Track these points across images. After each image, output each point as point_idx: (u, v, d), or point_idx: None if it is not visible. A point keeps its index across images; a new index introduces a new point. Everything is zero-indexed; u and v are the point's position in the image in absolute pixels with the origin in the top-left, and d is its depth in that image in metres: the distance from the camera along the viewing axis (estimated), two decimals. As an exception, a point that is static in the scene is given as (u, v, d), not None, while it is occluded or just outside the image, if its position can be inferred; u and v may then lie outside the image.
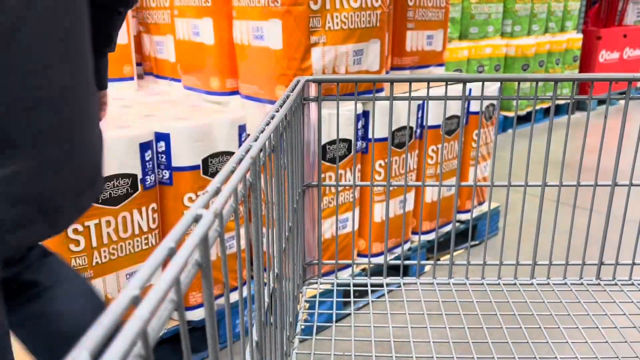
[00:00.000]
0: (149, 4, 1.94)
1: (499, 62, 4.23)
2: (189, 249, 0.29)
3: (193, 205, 0.34)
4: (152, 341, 0.24)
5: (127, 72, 1.86)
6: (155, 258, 0.27)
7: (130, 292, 0.23)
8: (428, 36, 2.29)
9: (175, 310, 0.28)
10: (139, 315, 0.23)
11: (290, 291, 0.78)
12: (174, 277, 0.26)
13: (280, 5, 1.43)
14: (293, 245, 0.78)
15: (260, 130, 0.55)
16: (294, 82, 0.82)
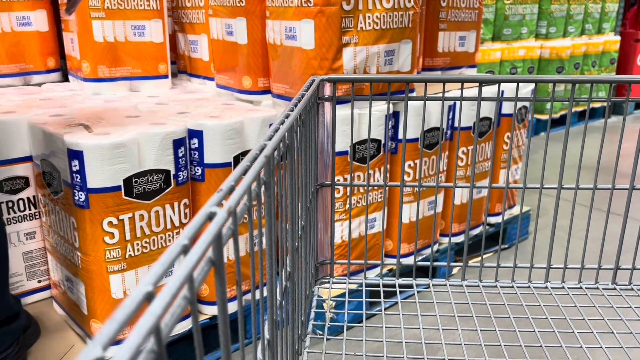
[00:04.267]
0: (184, 4, 1.97)
1: (533, 64, 4.17)
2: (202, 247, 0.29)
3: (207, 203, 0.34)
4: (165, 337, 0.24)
5: (162, 70, 1.90)
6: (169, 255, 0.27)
7: (144, 288, 0.23)
8: (460, 37, 2.27)
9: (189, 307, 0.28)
10: (152, 312, 0.23)
11: (303, 290, 0.78)
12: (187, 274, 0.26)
13: (313, 5, 1.44)
14: (306, 244, 0.78)
15: (275, 129, 0.55)
16: (309, 82, 0.82)
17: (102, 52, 1.77)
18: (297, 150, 0.66)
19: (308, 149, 0.74)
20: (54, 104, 1.63)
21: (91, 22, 1.73)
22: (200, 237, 0.30)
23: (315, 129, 0.84)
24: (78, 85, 1.89)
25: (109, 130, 1.30)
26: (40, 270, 1.56)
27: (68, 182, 1.27)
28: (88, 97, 1.77)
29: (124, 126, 1.33)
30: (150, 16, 1.82)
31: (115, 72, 1.81)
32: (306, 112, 0.71)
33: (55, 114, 1.48)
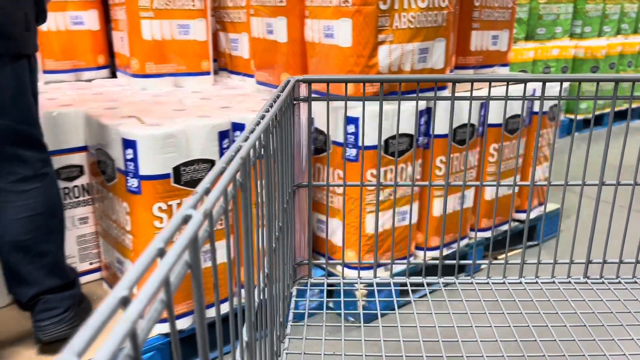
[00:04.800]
0: (226, 4, 2.07)
1: (567, 63, 4.15)
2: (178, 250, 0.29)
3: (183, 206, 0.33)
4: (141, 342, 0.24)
5: (205, 67, 2.00)
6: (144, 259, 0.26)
7: (119, 292, 0.23)
8: (493, 36, 2.31)
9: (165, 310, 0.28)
10: (128, 316, 0.22)
11: (281, 291, 0.77)
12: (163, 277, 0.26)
13: (351, 5, 1.51)
14: (283, 245, 0.78)
15: (250, 130, 0.54)
16: (284, 83, 0.82)
17: (150, 50, 1.88)
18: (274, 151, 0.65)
19: (284, 150, 0.74)
20: (105, 98, 1.74)
21: (140, 21, 1.84)
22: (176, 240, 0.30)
23: (291, 129, 0.85)
24: (126, 81, 2.00)
25: (160, 122, 1.39)
26: (92, 253, 1.68)
27: (122, 170, 1.37)
28: (136, 92, 1.88)
29: (173, 118, 1.43)
30: (194, 15, 1.92)
31: (161, 68, 1.91)
32: (282, 113, 0.71)
33: (108, 107, 1.59)
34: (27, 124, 1.24)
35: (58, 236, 1.33)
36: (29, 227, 1.25)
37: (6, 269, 1.31)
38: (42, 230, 1.27)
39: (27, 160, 1.24)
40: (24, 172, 1.24)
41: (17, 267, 1.28)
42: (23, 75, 1.22)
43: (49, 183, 1.29)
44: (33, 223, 1.25)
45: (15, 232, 1.24)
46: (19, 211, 1.24)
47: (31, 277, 1.29)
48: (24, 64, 1.22)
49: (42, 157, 1.28)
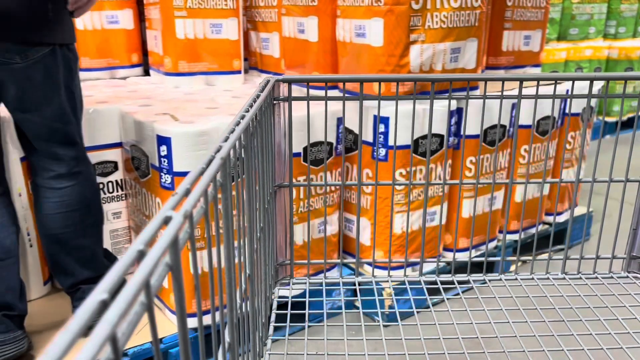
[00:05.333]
0: (258, 3, 2.09)
1: (600, 64, 4.07)
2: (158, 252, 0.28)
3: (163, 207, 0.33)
4: (122, 345, 0.23)
5: (236, 66, 2.02)
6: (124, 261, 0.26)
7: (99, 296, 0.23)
8: (525, 36, 2.28)
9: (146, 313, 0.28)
10: (108, 319, 0.22)
11: (262, 292, 0.77)
12: (144, 279, 0.26)
13: (384, 4, 1.51)
14: (264, 246, 0.77)
15: (230, 130, 0.53)
16: (264, 82, 0.81)
17: (183, 49, 1.91)
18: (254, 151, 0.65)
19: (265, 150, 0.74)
20: (140, 96, 1.77)
21: (174, 20, 1.87)
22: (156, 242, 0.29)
23: (272, 129, 0.85)
24: (159, 79, 2.04)
25: (193, 119, 1.42)
26: (124, 247, 1.71)
27: (156, 166, 1.40)
28: (169, 90, 1.91)
29: (206, 116, 1.45)
30: (227, 15, 1.95)
31: (193, 67, 1.94)
32: (262, 113, 0.71)
33: (143, 104, 1.62)
34: (61, 121, 1.26)
35: (94, 231, 1.36)
36: (64, 222, 1.28)
37: (49, 258, 1.35)
38: (77, 226, 1.30)
39: (61, 158, 1.27)
40: (57, 170, 1.27)
41: (55, 258, 1.32)
42: (54, 71, 1.22)
43: (84, 181, 1.32)
44: (68, 219, 1.29)
45: (51, 226, 1.28)
46: (53, 207, 1.27)
47: (68, 268, 1.33)
48: (54, 57, 1.21)
49: (77, 155, 1.30)
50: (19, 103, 1.20)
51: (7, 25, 1.13)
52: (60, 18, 1.22)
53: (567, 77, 0.93)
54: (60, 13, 1.21)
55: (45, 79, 1.20)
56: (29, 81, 1.19)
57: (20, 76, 1.17)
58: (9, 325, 1.25)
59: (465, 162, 1.82)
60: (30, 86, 1.19)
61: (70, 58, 1.27)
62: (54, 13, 1.19)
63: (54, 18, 1.19)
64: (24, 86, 1.19)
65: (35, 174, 1.29)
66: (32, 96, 1.20)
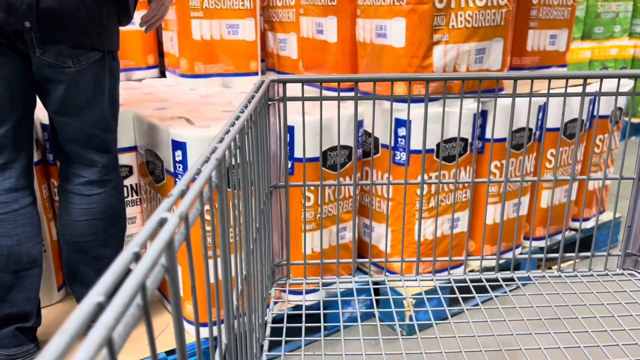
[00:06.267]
0: (275, 3, 2.04)
1: (626, 64, 3.95)
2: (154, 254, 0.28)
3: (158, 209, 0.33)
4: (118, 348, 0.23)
5: (253, 67, 1.98)
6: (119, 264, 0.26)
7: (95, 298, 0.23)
8: (551, 35, 2.20)
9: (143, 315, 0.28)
10: (104, 323, 0.22)
11: (259, 293, 0.76)
12: (140, 282, 0.26)
13: (406, 4, 1.46)
14: (261, 247, 0.76)
15: (225, 131, 0.53)
16: (259, 83, 0.81)
17: (199, 50, 1.87)
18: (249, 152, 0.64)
19: (260, 151, 0.74)
20: (155, 98, 1.74)
21: (190, 21, 1.83)
22: (152, 244, 0.29)
23: (267, 130, 0.85)
24: (175, 81, 2.00)
25: (209, 123, 1.38)
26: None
27: (171, 171, 1.36)
28: (185, 92, 1.87)
29: (223, 120, 1.41)
30: (244, 15, 1.91)
31: (210, 68, 1.91)
32: (257, 114, 0.71)
33: (158, 107, 1.58)
34: (100, 127, 1.25)
35: (116, 242, 1.33)
36: (88, 230, 1.25)
37: (66, 267, 1.33)
38: (100, 235, 1.27)
39: (94, 165, 1.25)
40: (89, 176, 1.25)
41: (74, 267, 1.30)
42: (101, 78, 1.22)
43: (113, 190, 1.29)
44: (92, 227, 1.26)
45: (74, 233, 1.25)
46: (79, 214, 1.25)
47: (86, 278, 1.30)
48: (102, 64, 1.22)
49: (110, 163, 1.29)
50: (62, 106, 1.19)
51: (64, 28, 1.13)
52: (111, 25, 1.22)
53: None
54: (112, 20, 1.22)
55: (92, 84, 1.20)
56: (76, 85, 1.18)
57: (69, 80, 1.17)
58: (22, 339, 1.22)
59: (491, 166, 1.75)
60: (77, 90, 1.18)
61: (115, 66, 1.28)
62: (106, 20, 1.19)
63: (106, 24, 1.20)
64: (71, 90, 1.18)
65: (65, 179, 1.27)
66: (77, 100, 1.19)
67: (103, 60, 1.21)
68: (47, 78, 1.16)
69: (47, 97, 1.19)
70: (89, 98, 1.20)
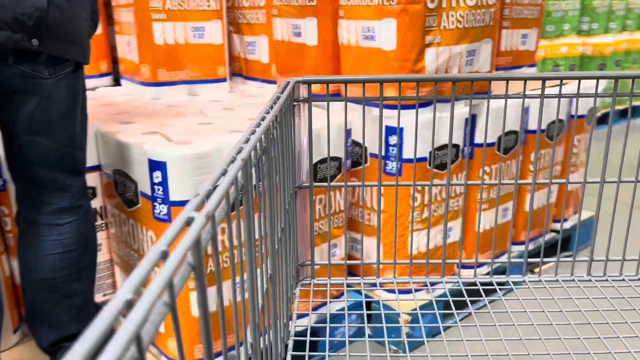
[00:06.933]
0: (241, 4, 1.90)
1: (574, 61, 4.04)
2: (181, 252, 0.29)
3: (185, 208, 0.34)
4: (146, 345, 0.24)
5: (221, 73, 1.83)
6: (148, 262, 0.27)
7: (123, 296, 0.23)
8: (522, 35, 2.17)
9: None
10: (132, 319, 0.22)
11: (284, 292, 0.78)
12: (167, 280, 0.26)
13: (396, 4, 1.36)
14: (285, 247, 0.78)
15: (251, 131, 0.54)
16: (284, 84, 0.81)
17: (162, 56, 1.70)
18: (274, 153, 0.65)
19: (285, 151, 0.75)
20: (116, 110, 1.56)
21: (152, 24, 1.66)
22: (179, 242, 0.30)
23: (292, 130, 0.85)
24: (134, 90, 1.82)
25: (188, 138, 1.23)
26: (106, 283, 1.50)
27: (147, 194, 1.20)
28: (148, 102, 1.70)
29: (202, 135, 1.26)
30: (210, 17, 1.75)
31: (175, 75, 1.74)
32: (282, 115, 0.71)
33: (123, 121, 1.41)
34: (72, 146, 1.08)
35: (89, 274, 1.16)
36: (60, 264, 1.08)
37: (29, 308, 1.14)
38: (73, 268, 1.10)
39: (65, 189, 1.08)
40: (60, 203, 1.07)
41: (41, 308, 1.11)
42: (76, 90, 1.08)
43: (85, 216, 1.13)
44: (64, 260, 1.08)
45: (44, 269, 1.07)
46: (50, 247, 1.07)
47: (55, 320, 1.12)
48: (76, 75, 1.08)
49: (82, 186, 1.12)
50: (32, 123, 1.03)
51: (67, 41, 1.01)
52: (89, 36, 1.12)
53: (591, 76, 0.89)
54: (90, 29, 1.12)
55: (66, 98, 1.05)
56: (50, 100, 1.03)
57: (44, 93, 1.02)
58: None
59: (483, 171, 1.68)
60: (50, 105, 1.03)
61: (84, 78, 1.14)
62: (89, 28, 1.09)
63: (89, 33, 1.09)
64: (45, 105, 1.02)
65: (30, 207, 1.09)
66: (50, 116, 1.03)
67: (77, 72, 1.06)
68: (16, 90, 0.99)
69: (12, 113, 1.02)
70: (63, 113, 1.04)
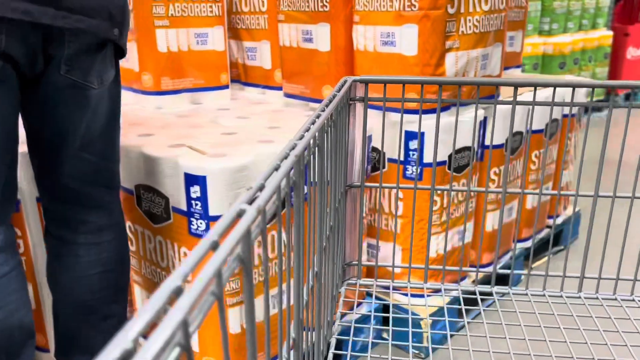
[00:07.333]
0: (240, 9, 1.86)
1: (537, 60, 4.19)
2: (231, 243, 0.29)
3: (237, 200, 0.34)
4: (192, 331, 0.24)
5: (224, 80, 1.78)
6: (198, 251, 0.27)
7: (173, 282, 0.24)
8: (510, 37, 2.23)
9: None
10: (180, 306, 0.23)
11: (329, 291, 0.77)
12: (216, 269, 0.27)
13: (418, 9, 1.36)
14: (333, 245, 0.78)
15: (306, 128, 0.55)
16: (341, 82, 0.82)
17: (165, 63, 1.64)
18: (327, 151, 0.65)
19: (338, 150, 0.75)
20: (128, 121, 1.49)
21: (155, 31, 1.60)
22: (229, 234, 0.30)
23: (346, 129, 0.85)
24: (134, 99, 1.75)
25: (220, 151, 1.19)
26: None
27: (181, 210, 1.15)
28: (154, 112, 1.64)
29: (233, 146, 1.22)
30: (212, 23, 1.71)
31: (178, 84, 1.68)
32: (337, 113, 0.71)
33: (142, 133, 1.35)
34: (111, 159, 1.02)
35: (124, 295, 1.10)
36: (99, 285, 1.02)
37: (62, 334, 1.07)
38: (111, 289, 1.04)
39: (104, 206, 1.01)
40: (98, 221, 1.01)
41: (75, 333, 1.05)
42: (117, 100, 1.02)
43: (123, 234, 1.07)
44: (103, 281, 1.02)
45: (82, 290, 1.01)
46: (87, 268, 1.01)
47: (88, 344, 1.06)
48: (116, 83, 1.01)
49: (119, 202, 1.06)
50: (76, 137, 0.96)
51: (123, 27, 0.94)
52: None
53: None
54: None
55: (108, 110, 0.98)
56: (94, 112, 0.95)
57: (90, 105, 0.94)
58: None
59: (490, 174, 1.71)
60: (94, 117, 0.95)
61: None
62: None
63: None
64: (90, 117, 0.95)
65: (65, 227, 1.01)
66: (93, 129, 0.96)
67: (117, 79, 1.00)
68: (63, 102, 0.91)
69: (55, 127, 0.94)
70: (103, 125, 0.98)
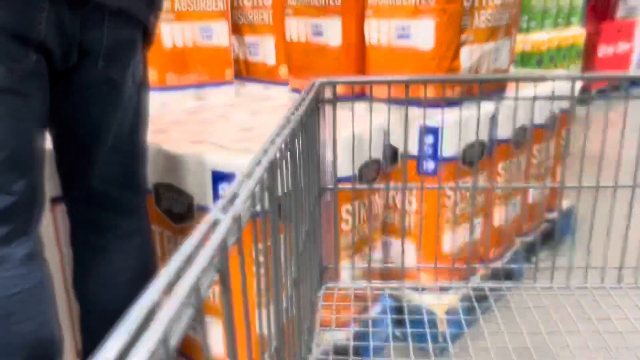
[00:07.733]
0: (243, 4, 1.82)
1: (517, 57, 4.25)
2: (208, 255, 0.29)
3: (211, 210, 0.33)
4: (172, 346, 0.24)
5: (228, 76, 1.75)
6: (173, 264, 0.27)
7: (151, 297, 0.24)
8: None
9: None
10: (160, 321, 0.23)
11: (308, 296, 0.77)
12: (194, 283, 0.26)
13: (435, 3, 1.36)
14: (310, 249, 0.77)
15: (277, 133, 0.54)
16: (310, 85, 0.80)
17: (171, 59, 1.60)
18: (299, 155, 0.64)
19: (310, 153, 0.74)
20: (134, 119, 1.45)
21: (160, 25, 1.55)
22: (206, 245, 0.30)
23: (317, 132, 0.84)
24: (135, 96, 1.70)
25: (244, 145, 1.16)
26: (135, 306, 1.38)
27: (207, 208, 1.12)
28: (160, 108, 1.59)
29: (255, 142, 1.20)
30: (217, 17, 1.67)
31: (183, 80, 1.64)
32: (307, 116, 0.70)
33: (156, 130, 1.31)
34: (139, 160, 0.97)
35: None
36: (131, 292, 0.97)
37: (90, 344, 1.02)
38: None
39: (131, 209, 0.97)
40: (127, 225, 0.96)
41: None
42: (146, 97, 0.98)
43: (149, 237, 1.02)
44: (133, 288, 0.98)
45: (112, 298, 0.96)
46: (119, 274, 0.96)
47: None
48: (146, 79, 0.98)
49: (145, 205, 1.01)
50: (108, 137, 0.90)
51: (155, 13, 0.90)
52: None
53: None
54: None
55: (138, 108, 0.92)
56: (126, 110, 0.90)
57: (123, 103, 0.89)
58: None
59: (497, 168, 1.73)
60: (125, 116, 0.90)
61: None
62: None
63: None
64: (122, 116, 0.90)
65: (93, 232, 0.96)
66: (124, 128, 0.91)
67: (146, 74, 0.95)
68: (98, 99, 0.86)
69: (88, 127, 0.88)
70: (133, 124, 0.93)
